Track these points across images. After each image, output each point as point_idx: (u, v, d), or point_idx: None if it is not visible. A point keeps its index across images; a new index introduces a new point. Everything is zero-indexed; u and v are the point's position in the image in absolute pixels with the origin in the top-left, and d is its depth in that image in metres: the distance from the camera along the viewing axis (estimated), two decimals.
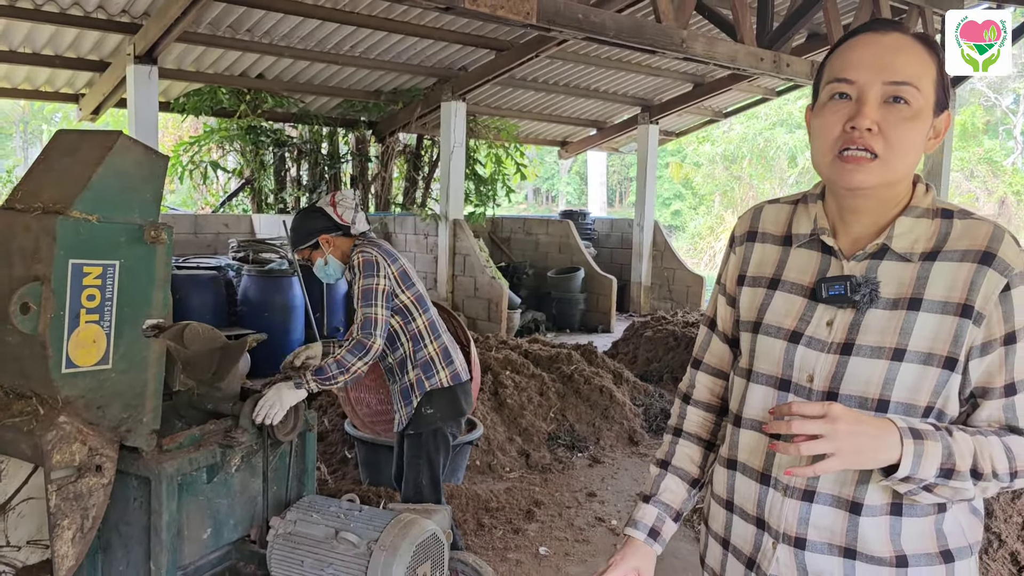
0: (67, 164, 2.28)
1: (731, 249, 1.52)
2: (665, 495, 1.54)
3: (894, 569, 1.28)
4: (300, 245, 3.32)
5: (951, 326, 1.25)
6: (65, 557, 2.14)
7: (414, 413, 3.24)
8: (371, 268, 3.13)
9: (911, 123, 1.25)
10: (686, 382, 1.60)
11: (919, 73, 1.25)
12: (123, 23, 7.43)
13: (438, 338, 3.33)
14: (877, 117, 1.24)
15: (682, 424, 1.58)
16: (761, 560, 1.37)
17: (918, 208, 1.32)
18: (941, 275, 1.27)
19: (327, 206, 3.27)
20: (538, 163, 24.56)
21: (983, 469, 1.22)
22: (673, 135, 14.40)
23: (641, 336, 8.09)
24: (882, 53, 1.26)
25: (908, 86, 1.24)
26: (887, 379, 1.26)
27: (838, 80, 1.28)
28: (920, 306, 1.26)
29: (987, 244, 1.26)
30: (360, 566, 2.50)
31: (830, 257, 1.36)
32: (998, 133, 25.11)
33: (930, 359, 1.25)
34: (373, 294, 3.09)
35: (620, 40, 5.92)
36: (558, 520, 4.41)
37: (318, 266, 3.32)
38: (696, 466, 1.56)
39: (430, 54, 9.28)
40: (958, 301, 1.25)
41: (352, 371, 2.98)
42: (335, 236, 3.27)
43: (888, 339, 1.27)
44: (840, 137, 1.27)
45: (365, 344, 3.00)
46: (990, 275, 1.24)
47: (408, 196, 11.81)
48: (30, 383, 2.19)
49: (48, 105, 19.99)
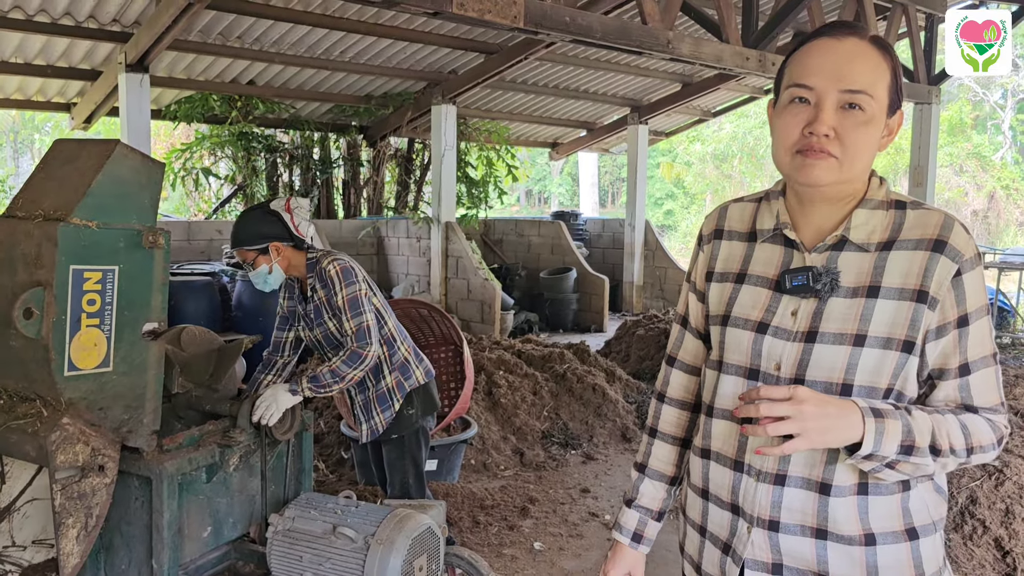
0: (66, 172, 2.34)
1: (699, 247, 1.59)
2: (644, 499, 1.63)
3: (863, 547, 1.34)
4: (247, 246, 3.07)
5: (908, 311, 1.32)
6: (70, 555, 2.20)
7: (395, 417, 3.24)
8: (350, 275, 3.05)
9: (865, 128, 1.32)
10: (661, 380, 1.67)
11: (873, 80, 1.32)
12: (114, 32, 7.48)
13: (405, 339, 3.34)
14: (834, 123, 1.31)
15: (657, 424, 1.65)
16: (736, 544, 1.42)
17: (873, 200, 1.39)
18: (897, 263, 1.34)
19: (282, 211, 3.09)
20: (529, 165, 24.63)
21: (941, 446, 1.29)
22: (663, 135, 14.49)
23: (633, 335, 8.16)
24: (839, 61, 1.32)
25: (863, 94, 1.31)
26: (850, 364, 1.33)
27: (797, 85, 1.35)
28: (878, 293, 1.33)
29: (939, 233, 1.33)
30: (358, 560, 2.57)
31: (792, 250, 1.43)
32: (987, 128, 25.27)
33: (889, 343, 1.32)
34: (359, 302, 3.03)
35: (607, 42, 6.00)
36: (552, 516, 4.47)
37: (259, 272, 3.08)
38: (672, 465, 1.64)
39: (420, 58, 9.34)
40: (913, 287, 1.32)
41: (347, 380, 2.99)
42: (286, 246, 3.09)
43: (849, 326, 1.33)
44: (799, 140, 1.34)
45: (361, 354, 2.98)
46: (942, 262, 1.31)
47: (400, 200, 11.86)
48: (34, 386, 2.24)
49: (39, 114, 20.00)
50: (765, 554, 1.39)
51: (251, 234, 3.07)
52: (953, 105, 22.82)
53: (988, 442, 1.32)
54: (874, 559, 1.34)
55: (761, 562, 1.40)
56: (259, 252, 3.07)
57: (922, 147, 10.05)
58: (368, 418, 3.25)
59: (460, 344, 4.84)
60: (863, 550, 1.34)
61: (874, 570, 1.34)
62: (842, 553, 1.35)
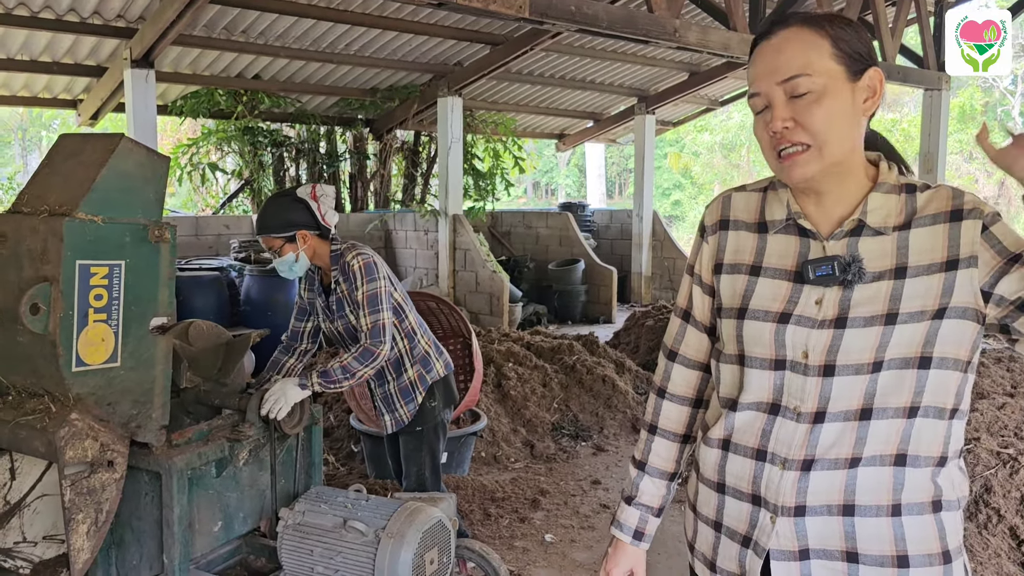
0: (71, 167, 2.32)
1: (703, 239, 1.55)
2: (644, 497, 1.61)
3: (890, 519, 1.33)
4: (276, 233, 3.05)
5: (939, 282, 1.31)
6: (81, 550, 2.19)
7: (418, 409, 3.23)
8: (372, 271, 3.03)
9: (818, 105, 1.31)
10: (661, 375, 1.63)
11: (806, 60, 1.32)
12: (119, 28, 7.47)
13: (426, 332, 3.34)
14: (788, 114, 1.33)
15: (657, 420, 1.62)
16: (759, 536, 1.39)
17: (886, 184, 1.38)
18: (919, 241, 1.33)
19: (309, 199, 3.07)
20: (536, 156, 24.58)
21: None
22: (670, 125, 14.43)
23: (642, 326, 8.13)
24: (770, 58, 1.35)
25: (798, 77, 1.32)
26: (882, 343, 1.31)
27: (751, 96, 1.39)
28: (906, 273, 1.32)
29: (952, 203, 1.33)
30: (368, 554, 2.56)
31: (808, 239, 1.40)
32: (996, 115, 25.09)
33: (922, 316, 1.31)
34: (378, 299, 3.01)
35: (613, 31, 5.96)
36: (563, 508, 4.46)
37: (285, 260, 3.07)
38: (673, 462, 1.61)
39: (425, 50, 9.31)
40: (941, 260, 1.31)
41: (357, 376, 2.98)
42: (313, 235, 3.07)
43: (879, 307, 1.32)
44: (771, 142, 1.37)
45: (374, 352, 2.97)
46: (965, 225, 1.31)
47: (407, 193, 11.84)
48: (42, 382, 2.24)
49: (47, 112, 20.05)
50: (791, 543, 1.37)
51: (279, 221, 3.05)
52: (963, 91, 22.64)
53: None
54: (902, 531, 1.33)
55: (787, 551, 1.37)
56: (286, 240, 3.05)
57: (932, 134, 9.98)
58: (391, 410, 3.24)
59: (469, 336, 4.83)
60: (890, 521, 1.33)
61: (902, 542, 1.33)
62: (870, 527, 1.33)
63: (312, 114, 10.52)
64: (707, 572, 1.52)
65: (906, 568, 1.33)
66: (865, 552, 1.34)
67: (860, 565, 1.34)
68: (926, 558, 1.33)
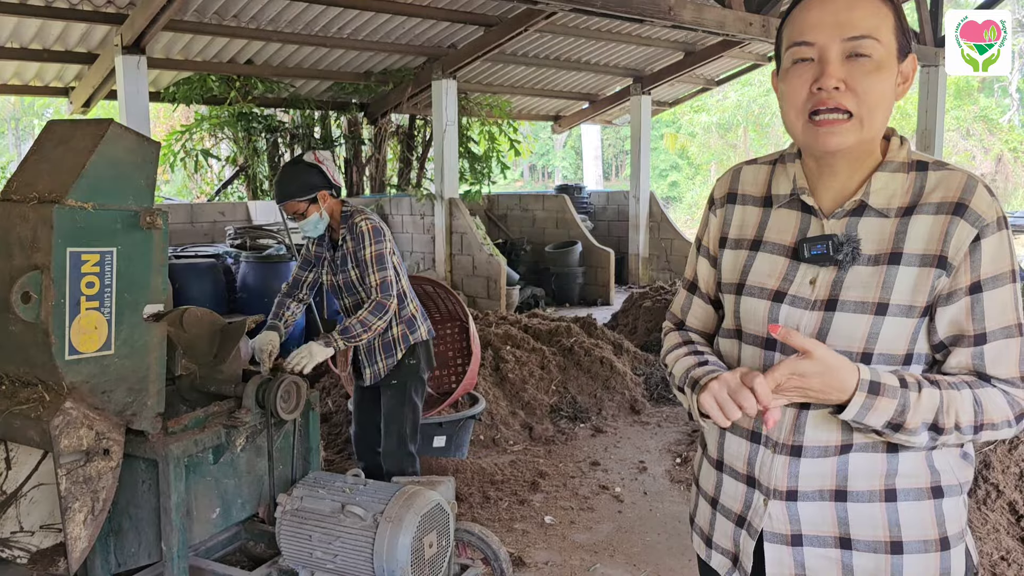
0: (60, 154, 2.30)
1: (711, 211, 1.53)
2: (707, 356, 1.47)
3: (883, 504, 1.31)
4: (301, 196, 3.33)
5: (928, 278, 1.27)
6: (78, 539, 2.19)
7: (396, 364, 3.48)
8: (379, 234, 3.34)
9: (877, 75, 1.26)
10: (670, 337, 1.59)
11: (876, 24, 1.26)
12: (109, 14, 7.40)
13: (414, 298, 3.61)
14: (842, 75, 1.25)
15: (686, 333, 1.57)
16: (752, 517, 1.39)
17: (894, 162, 1.33)
18: (918, 228, 1.28)
19: (317, 164, 3.36)
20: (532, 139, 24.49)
21: (944, 424, 1.25)
22: (666, 105, 14.35)
23: (640, 307, 8.12)
24: (837, 10, 1.26)
25: (868, 39, 1.25)
26: (871, 333, 1.28)
27: (797, 44, 1.29)
28: (900, 260, 1.28)
29: (960, 195, 1.27)
30: (367, 538, 2.55)
31: (810, 216, 1.37)
32: (993, 91, 24.99)
33: (911, 311, 1.28)
34: (385, 258, 3.33)
35: (607, 10, 5.91)
36: (563, 490, 4.46)
37: (311, 220, 3.35)
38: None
39: (418, 33, 9.24)
40: (935, 253, 1.27)
41: (373, 329, 3.28)
42: (329, 194, 3.38)
43: (871, 294, 1.29)
44: (808, 99, 1.28)
45: (385, 305, 3.29)
46: (962, 225, 1.26)
47: (403, 177, 11.79)
48: (35, 371, 2.22)
49: (39, 100, 19.94)
50: (783, 526, 1.36)
51: (300, 185, 3.33)
52: None
53: (1002, 419, 1.26)
54: (896, 517, 1.31)
55: (780, 534, 1.37)
56: (310, 202, 3.34)
57: (929, 110, 9.93)
58: (372, 363, 3.49)
59: (466, 320, 4.81)
60: (883, 507, 1.31)
61: (896, 528, 1.31)
62: (862, 513, 1.32)
63: (306, 99, 10.45)
64: (704, 547, 1.53)
65: (900, 554, 1.31)
66: (858, 537, 1.33)
67: (853, 551, 1.33)
68: (921, 544, 1.32)
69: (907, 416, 1.23)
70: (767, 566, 1.38)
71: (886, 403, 1.23)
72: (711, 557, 1.50)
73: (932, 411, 1.24)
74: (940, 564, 1.32)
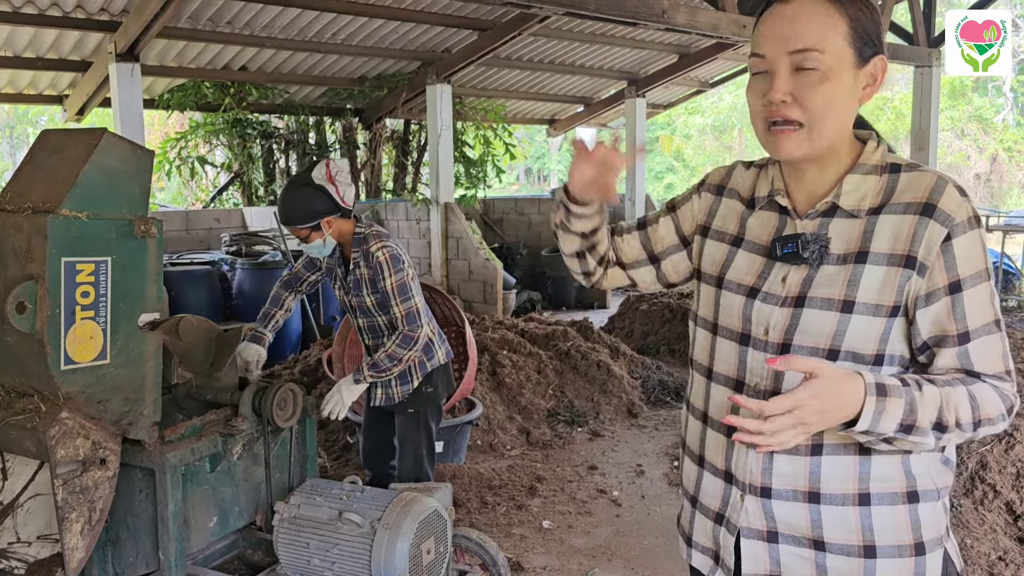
0: (54, 163, 2.29)
1: (698, 191, 1.58)
2: None
3: (856, 508, 1.32)
4: (300, 224, 3.14)
5: (895, 277, 1.29)
6: (75, 549, 2.18)
7: (412, 392, 3.31)
8: (399, 262, 3.16)
9: (822, 86, 1.28)
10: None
11: (822, 35, 1.27)
12: (103, 21, 7.39)
13: (431, 319, 3.40)
14: (789, 88, 1.28)
15: None
16: (731, 514, 1.41)
17: (866, 165, 1.36)
18: (886, 228, 1.30)
19: (326, 183, 3.11)
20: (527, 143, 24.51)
21: (947, 421, 1.25)
22: (661, 108, 14.37)
23: (637, 310, 8.13)
24: (784, 24, 1.29)
25: (811, 52, 1.27)
26: (838, 330, 1.30)
27: (753, 55, 1.34)
28: (867, 259, 1.30)
29: (928, 196, 1.29)
30: (365, 545, 2.55)
31: (786, 217, 1.41)
32: (987, 90, 25.06)
33: (878, 310, 1.29)
34: (407, 288, 3.16)
35: (601, 14, 5.92)
36: (560, 494, 4.46)
37: (314, 245, 3.19)
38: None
39: (412, 37, 9.24)
40: (902, 252, 1.28)
41: (404, 361, 3.16)
42: (336, 218, 3.17)
43: (837, 291, 1.31)
44: (762, 111, 1.33)
45: (412, 336, 3.14)
46: (932, 226, 1.27)
47: (398, 182, 11.79)
48: (30, 381, 2.22)
49: (33, 108, 19.91)
50: (760, 522, 1.38)
51: (303, 213, 3.13)
52: None
53: (997, 413, 1.28)
54: (869, 521, 1.32)
55: (756, 530, 1.38)
56: (312, 229, 3.16)
57: (923, 111, 9.95)
58: (384, 385, 3.32)
59: (462, 325, 4.82)
60: (857, 511, 1.32)
61: (869, 532, 1.32)
62: (836, 515, 1.33)
63: (301, 105, 10.44)
64: (685, 547, 1.55)
65: (873, 559, 1.32)
66: (831, 540, 1.33)
67: (827, 553, 1.34)
68: (895, 549, 1.32)
69: (917, 415, 1.23)
70: (743, 562, 1.40)
71: (895, 403, 1.22)
72: (692, 556, 1.52)
73: (936, 408, 1.24)
74: (915, 569, 1.33)
